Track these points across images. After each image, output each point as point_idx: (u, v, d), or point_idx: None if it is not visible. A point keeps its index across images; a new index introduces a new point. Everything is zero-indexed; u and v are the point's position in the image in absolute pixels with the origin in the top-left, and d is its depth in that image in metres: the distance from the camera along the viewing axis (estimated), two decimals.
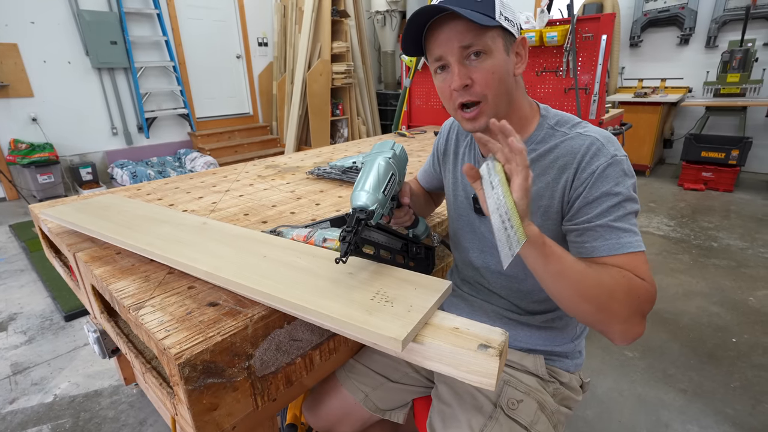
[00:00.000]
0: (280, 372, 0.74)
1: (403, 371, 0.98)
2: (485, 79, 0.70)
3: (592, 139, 0.71)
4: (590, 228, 0.68)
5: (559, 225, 0.76)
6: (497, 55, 0.70)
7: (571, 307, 0.65)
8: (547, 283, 0.65)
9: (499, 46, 0.70)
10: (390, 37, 6.23)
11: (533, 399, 0.82)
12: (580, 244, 0.70)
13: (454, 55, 0.70)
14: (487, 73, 0.70)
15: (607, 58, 2.15)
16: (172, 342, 0.62)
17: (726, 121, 4.39)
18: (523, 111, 0.79)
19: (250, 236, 0.89)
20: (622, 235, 0.66)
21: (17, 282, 2.62)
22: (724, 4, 4.52)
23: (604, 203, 0.68)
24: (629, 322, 0.63)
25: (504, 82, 0.72)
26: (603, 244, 0.67)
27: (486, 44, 0.69)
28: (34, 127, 4.29)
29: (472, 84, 0.71)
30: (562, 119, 0.78)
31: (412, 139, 2.44)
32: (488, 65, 0.70)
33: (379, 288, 0.66)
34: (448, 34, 0.69)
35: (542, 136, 0.78)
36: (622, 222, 0.67)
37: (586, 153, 0.71)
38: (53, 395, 1.70)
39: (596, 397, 1.65)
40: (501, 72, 0.71)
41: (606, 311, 0.63)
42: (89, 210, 1.09)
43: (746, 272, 2.58)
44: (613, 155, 0.69)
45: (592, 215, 0.69)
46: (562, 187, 0.73)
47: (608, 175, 0.68)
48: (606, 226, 0.67)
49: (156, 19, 4.90)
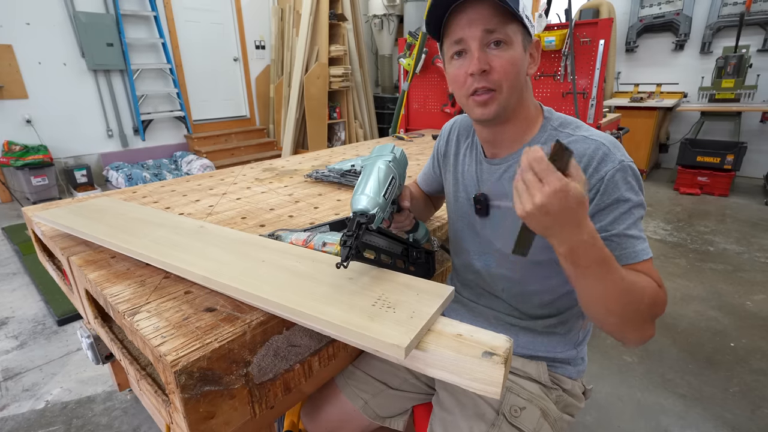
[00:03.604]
0: (279, 379, 0.72)
1: (402, 378, 0.96)
2: (504, 68, 0.69)
3: (598, 143, 0.71)
4: (607, 239, 0.68)
5: None
6: (517, 48, 0.70)
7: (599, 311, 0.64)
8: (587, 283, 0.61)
9: (518, 39, 0.70)
10: (387, 41, 6.25)
11: (536, 406, 0.81)
12: None
13: (476, 38, 0.69)
14: (506, 62, 0.69)
15: (604, 62, 2.16)
16: (168, 349, 0.60)
17: (721, 126, 4.43)
18: (529, 111, 0.78)
19: (248, 240, 0.87)
20: (636, 243, 0.67)
21: (9, 286, 2.58)
22: (718, 10, 4.57)
23: (615, 210, 0.68)
24: (646, 329, 0.65)
25: (519, 77, 0.72)
26: (621, 254, 0.67)
27: (508, 35, 0.69)
28: (29, 129, 4.25)
29: (491, 70, 0.70)
30: (565, 121, 0.78)
31: (410, 142, 2.44)
32: (508, 55, 0.69)
33: (380, 293, 0.65)
34: (472, 16, 0.68)
35: (546, 137, 0.77)
36: (634, 229, 0.68)
37: (592, 158, 0.70)
38: (45, 401, 1.67)
39: (595, 402, 1.64)
40: (518, 65, 0.71)
41: (633, 323, 0.64)
42: (84, 213, 1.07)
43: (743, 276, 2.58)
44: (620, 161, 0.69)
45: (606, 223, 0.68)
46: None
47: (618, 182, 0.68)
48: (622, 236, 0.67)
49: (153, 21, 4.89)
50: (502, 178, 0.81)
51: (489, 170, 0.83)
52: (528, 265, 0.80)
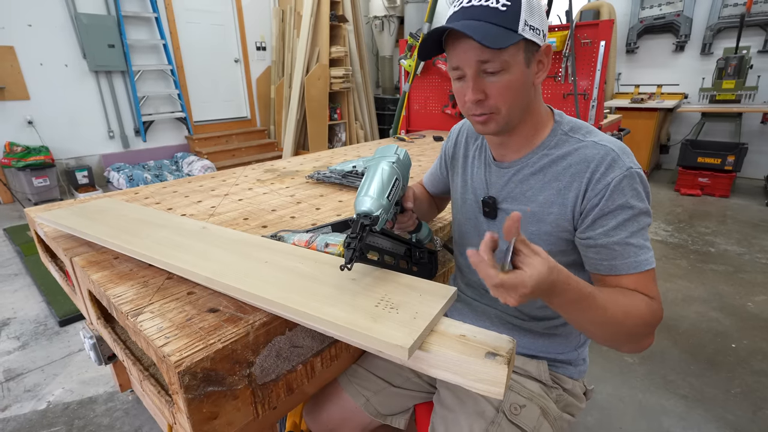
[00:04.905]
0: (281, 379, 0.72)
1: (405, 376, 0.97)
2: (500, 94, 0.69)
3: (608, 149, 0.70)
4: (608, 245, 0.68)
5: (569, 233, 0.75)
6: (515, 69, 0.68)
7: (586, 333, 0.68)
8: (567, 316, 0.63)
9: (518, 60, 0.68)
10: (388, 42, 6.26)
11: (536, 405, 0.81)
12: (597, 262, 0.71)
13: (471, 68, 0.69)
14: (502, 88, 0.69)
15: (605, 64, 2.16)
16: (172, 349, 0.60)
17: (721, 127, 4.43)
18: (539, 116, 0.78)
19: (250, 241, 0.87)
20: (639, 253, 0.67)
21: (11, 286, 2.58)
22: (718, 11, 4.57)
23: (619, 216, 0.68)
24: (640, 342, 0.68)
25: (519, 95, 0.71)
26: (622, 263, 0.68)
27: (504, 61, 0.67)
28: (30, 130, 4.26)
29: (486, 98, 0.70)
30: (575, 126, 0.78)
31: (411, 143, 2.44)
32: (504, 81, 0.68)
33: (383, 294, 0.65)
34: (465, 47, 0.68)
35: (555, 141, 0.77)
36: (638, 237, 0.68)
37: (600, 163, 0.70)
38: (47, 402, 1.67)
39: (597, 403, 1.64)
40: (517, 86, 0.70)
41: (624, 341, 0.67)
42: (86, 214, 1.07)
43: (744, 277, 2.58)
44: (628, 167, 0.68)
45: (609, 228, 0.68)
46: (574, 196, 0.72)
47: (624, 188, 0.68)
48: (624, 244, 0.68)
49: (154, 22, 4.90)
50: (510, 181, 0.81)
51: (498, 174, 0.83)
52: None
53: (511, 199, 0.81)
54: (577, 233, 0.74)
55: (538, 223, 0.77)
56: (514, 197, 0.80)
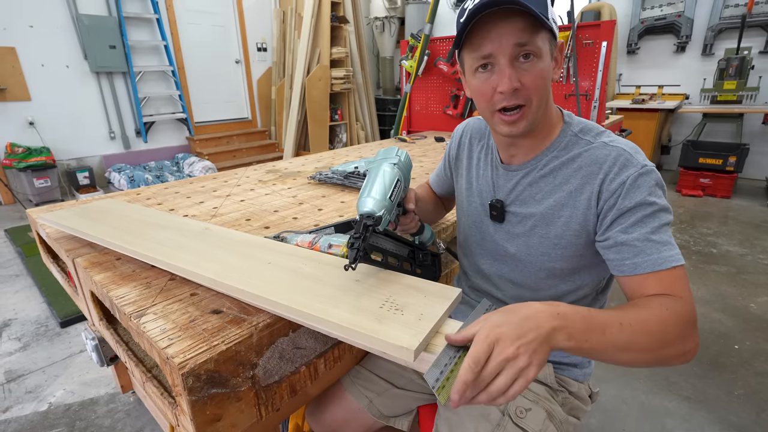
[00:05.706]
0: (285, 381, 0.72)
1: (408, 378, 0.96)
2: (534, 83, 0.67)
3: (620, 150, 0.69)
4: (627, 242, 0.65)
5: (580, 237, 0.74)
6: (545, 58, 0.67)
7: (628, 362, 0.59)
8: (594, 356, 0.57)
9: (547, 49, 0.67)
10: (389, 43, 6.26)
11: (542, 408, 0.81)
12: (620, 262, 0.67)
13: (506, 54, 0.65)
14: (536, 77, 0.67)
15: (607, 64, 2.16)
16: (176, 351, 0.60)
17: (723, 127, 4.42)
18: (551, 118, 0.76)
19: (253, 242, 0.87)
20: (662, 249, 0.64)
21: (12, 287, 2.58)
22: (720, 12, 4.56)
23: (638, 212, 0.65)
24: (682, 345, 0.60)
25: (546, 88, 0.70)
26: (645, 259, 0.64)
27: (538, 46, 0.65)
28: (31, 131, 4.27)
29: (521, 87, 0.67)
30: (585, 127, 0.76)
31: (413, 144, 2.44)
32: (538, 69, 0.66)
33: (387, 295, 0.64)
34: (502, 30, 0.64)
35: (565, 143, 0.76)
36: (660, 234, 0.65)
37: (614, 164, 0.68)
38: (48, 403, 1.67)
39: (600, 405, 1.64)
40: (547, 77, 0.68)
41: (663, 357, 0.59)
42: (88, 215, 1.07)
43: (746, 278, 2.58)
44: (642, 165, 0.67)
45: (627, 224, 0.66)
46: (587, 198, 0.71)
47: (640, 185, 0.66)
48: (645, 240, 0.64)
49: (155, 23, 4.90)
50: (519, 184, 0.80)
51: (506, 176, 0.82)
52: (544, 272, 0.80)
53: (519, 202, 0.80)
54: (597, 237, 0.71)
55: (547, 225, 0.76)
56: (523, 200, 0.80)
